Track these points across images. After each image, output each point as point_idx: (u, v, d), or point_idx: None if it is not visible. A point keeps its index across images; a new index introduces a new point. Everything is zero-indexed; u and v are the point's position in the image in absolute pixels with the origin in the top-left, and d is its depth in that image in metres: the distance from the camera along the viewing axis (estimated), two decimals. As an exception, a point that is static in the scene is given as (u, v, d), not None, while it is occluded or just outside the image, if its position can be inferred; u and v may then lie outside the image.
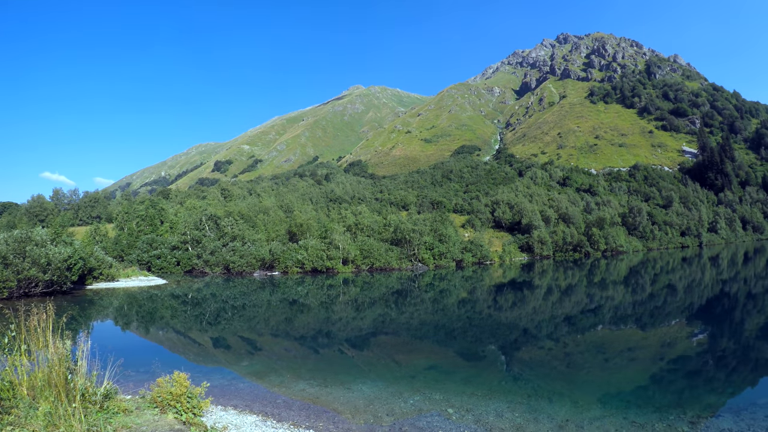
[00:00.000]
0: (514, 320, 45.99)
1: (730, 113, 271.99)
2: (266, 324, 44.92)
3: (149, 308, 52.37)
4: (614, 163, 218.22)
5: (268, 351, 34.50)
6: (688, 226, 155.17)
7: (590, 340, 37.42)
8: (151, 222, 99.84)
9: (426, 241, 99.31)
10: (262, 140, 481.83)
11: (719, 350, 33.18)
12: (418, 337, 39.09)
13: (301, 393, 23.42)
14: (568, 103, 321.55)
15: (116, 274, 69.50)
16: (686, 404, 22.10)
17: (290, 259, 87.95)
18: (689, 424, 19.62)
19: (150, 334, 40.49)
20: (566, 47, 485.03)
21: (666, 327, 42.65)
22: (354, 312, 49.95)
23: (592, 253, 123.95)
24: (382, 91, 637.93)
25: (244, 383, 25.33)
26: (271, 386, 24.71)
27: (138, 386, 19.77)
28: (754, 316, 45.38)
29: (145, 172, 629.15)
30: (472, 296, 63.22)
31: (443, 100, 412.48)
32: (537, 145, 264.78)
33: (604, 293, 63.16)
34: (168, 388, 15.61)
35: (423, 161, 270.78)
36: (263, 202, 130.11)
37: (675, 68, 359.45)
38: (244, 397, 22.51)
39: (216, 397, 21.24)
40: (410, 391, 23.63)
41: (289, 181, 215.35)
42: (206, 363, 31.05)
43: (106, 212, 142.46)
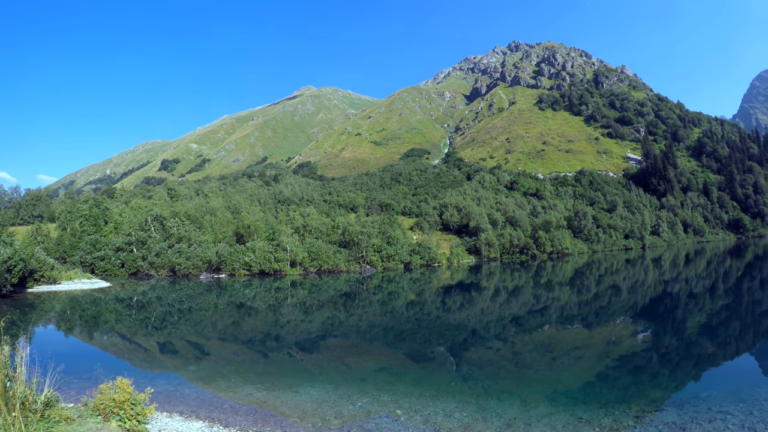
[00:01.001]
0: (462, 321, 46.36)
1: (674, 122, 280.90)
2: (213, 328, 44.32)
3: (93, 312, 51.20)
4: (561, 169, 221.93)
5: (216, 355, 34.04)
6: (632, 230, 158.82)
7: (538, 340, 37.97)
8: (94, 222, 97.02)
9: (374, 244, 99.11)
10: (211, 139, 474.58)
11: (663, 347, 34.11)
12: (368, 340, 39.12)
13: (248, 397, 23.23)
14: (517, 109, 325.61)
15: (58, 276, 67.39)
16: (631, 399, 22.72)
17: (237, 261, 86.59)
18: (634, 418, 20.16)
19: (94, 339, 39.61)
20: (517, 55, 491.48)
21: (611, 326, 43.59)
22: (302, 315, 49.63)
23: (538, 255, 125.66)
24: (334, 92, 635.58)
25: (190, 388, 25.03)
26: (218, 391, 24.45)
27: (80, 393, 19.33)
28: (695, 315, 46.85)
29: (90, 169, 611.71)
30: (421, 298, 63.40)
31: (394, 104, 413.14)
32: (486, 149, 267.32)
33: (550, 294, 64.15)
34: (111, 394, 15.21)
35: (372, 164, 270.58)
36: (210, 203, 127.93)
37: (622, 78, 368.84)
38: (190, 403, 22.22)
39: (161, 404, 20.91)
40: (359, 394, 23.69)
41: (238, 182, 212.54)
42: (152, 368, 30.53)
43: (48, 211, 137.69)
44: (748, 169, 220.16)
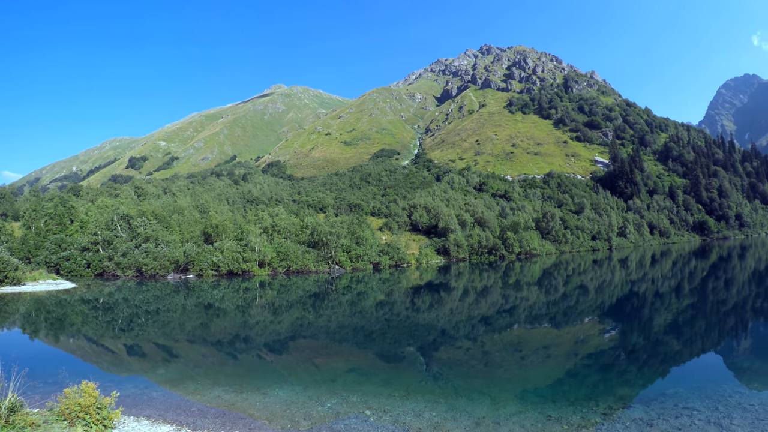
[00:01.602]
0: (432, 321, 46.44)
1: (641, 127, 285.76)
2: (181, 329, 43.89)
3: (58, 314, 50.25)
4: (529, 171, 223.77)
5: (184, 357, 33.70)
6: (599, 231, 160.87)
7: (507, 339, 38.21)
8: (60, 221, 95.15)
9: (343, 244, 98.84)
10: (180, 137, 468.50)
11: (630, 345, 34.59)
12: (337, 340, 39.01)
13: (216, 400, 22.99)
14: (487, 111, 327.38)
15: (23, 277, 65.99)
16: (599, 397, 22.97)
17: (205, 261, 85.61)
18: (602, 415, 20.39)
19: (59, 342, 38.90)
20: (489, 58, 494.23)
21: (579, 325, 44.04)
22: (271, 316, 49.36)
23: (506, 256, 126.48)
24: (305, 91, 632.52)
25: (157, 392, 24.66)
26: (186, 394, 24.15)
27: (46, 398, 19.05)
28: (661, 314, 47.51)
29: (55, 166, 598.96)
30: (390, 298, 63.39)
31: (365, 104, 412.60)
32: (455, 151, 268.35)
33: (519, 294, 64.62)
34: (76, 399, 14.92)
35: (342, 164, 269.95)
36: (178, 202, 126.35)
37: (591, 84, 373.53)
38: (157, 407, 21.88)
39: (128, 408, 20.55)
40: (328, 395, 23.58)
41: (206, 181, 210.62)
42: (119, 371, 30.06)
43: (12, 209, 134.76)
44: (713, 173, 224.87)
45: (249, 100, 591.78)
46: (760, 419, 19.30)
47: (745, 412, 20.21)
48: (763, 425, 18.68)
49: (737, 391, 23.18)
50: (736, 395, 22.44)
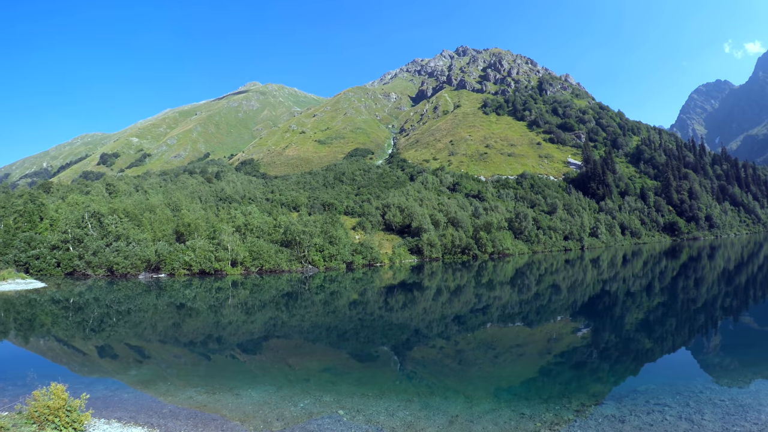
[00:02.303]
0: (405, 321, 46.42)
1: (614, 130, 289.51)
2: (153, 330, 43.34)
3: (28, 315, 49.52)
4: (503, 171, 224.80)
5: (156, 358, 33.32)
6: (571, 231, 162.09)
7: (480, 338, 38.25)
8: (29, 218, 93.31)
9: (316, 243, 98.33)
10: (153, 133, 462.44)
11: (602, 343, 34.89)
12: (311, 340, 38.84)
13: (188, 401, 22.76)
14: (461, 112, 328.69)
15: (-10, 276, 64.62)
16: (572, 394, 23.21)
17: (177, 260, 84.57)
18: (575, 412, 20.64)
19: (29, 343, 38.32)
20: (464, 59, 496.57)
21: (552, 323, 44.25)
22: (244, 315, 49.03)
23: (479, 256, 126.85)
24: (280, 89, 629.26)
25: (129, 393, 24.35)
26: (158, 395, 23.85)
27: (14, 401, 18.80)
28: (632, 312, 48.03)
29: (25, 162, 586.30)
30: (364, 298, 63.31)
31: (340, 103, 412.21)
32: (429, 151, 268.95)
33: (492, 293, 64.82)
34: (45, 401, 14.50)
35: (316, 162, 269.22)
36: (150, 200, 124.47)
37: (565, 86, 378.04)
38: (128, 408, 21.60)
39: (98, 410, 20.33)
40: (301, 395, 23.49)
41: (178, 178, 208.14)
42: (89, 373, 29.60)
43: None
44: (683, 175, 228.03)
45: (223, 97, 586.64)
46: (730, 414, 19.63)
47: (716, 407, 20.53)
48: (734, 420, 18.99)
49: (708, 387, 23.58)
50: (707, 391, 22.82)
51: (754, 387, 23.36)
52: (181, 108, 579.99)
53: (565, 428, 18.96)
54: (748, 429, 18.07)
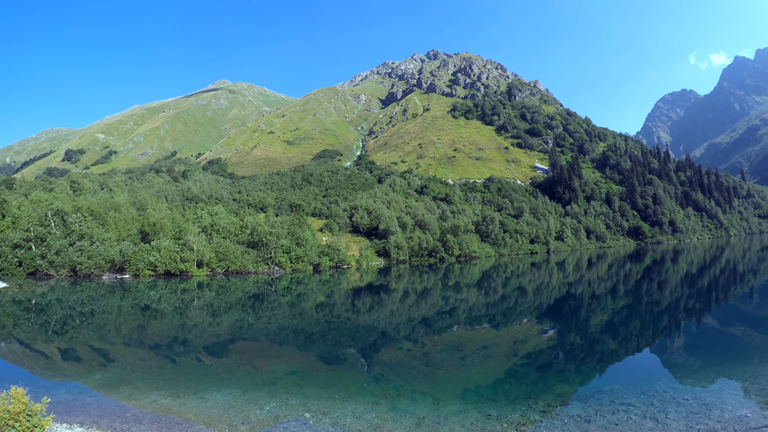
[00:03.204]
0: (372, 323, 46.40)
1: (581, 136, 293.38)
2: (117, 332, 42.62)
3: (-13, 315, 47.98)
4: (470, 175, 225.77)
5: (120, 361, 32.72)
6: (538, 235, 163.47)
7: (447, 340, 38.27)
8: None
9: (283, 245, 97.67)
10: (119, 130, 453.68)
11: (567, 344, 35.17)
12: (278, 343, 38.64)
13: (152, 405, 22.43)
14: (431, 116, 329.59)
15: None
16: (538, 395, 23.46)
17: (142, 261, 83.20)
18: (541, 413, 20.88)
19: (-12, 345, 36.91)
20: (435, 63, 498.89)
21: (518, 325, 44.44)
22: (210, 317, 48.47)
23: (446, 258, 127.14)
24: (249, 88, 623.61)
25: (92, 397, 23.94)
26: (122, 399, 23.49)
27: None
28: (598, 314, 48.57)
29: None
30: (331, 300, 63.09)
31: (309, 103, 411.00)
32: (398, 153, 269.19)
33: (458, 296, 64.90)
34: (5, 405, 14.02)
35: (284, 163, 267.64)
36: (115, 198, 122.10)
37: (534, 92, 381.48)
38: (91, 413, 21.25)
39: (60, 414, 20.04)
40: (267, 398, 23.33)
41: (144, 177, 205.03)
42: (52, 376, 29.01)
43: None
44: (648, 181, 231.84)
45: (192, 95, 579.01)
46: (693, 413, 19.95)
47: (680, 406, 20.89)
48: (697, 418, 19.32)
49: (671, 386, 23.93)
50: (671, 390, 23.18)
51: (716, 386, 23.76)
52: (149, 105, 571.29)
53: (532, 428, 19.10)
54: (711, 427, 18.34)
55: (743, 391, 22.68)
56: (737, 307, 51.26)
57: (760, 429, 17.80)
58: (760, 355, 29.34)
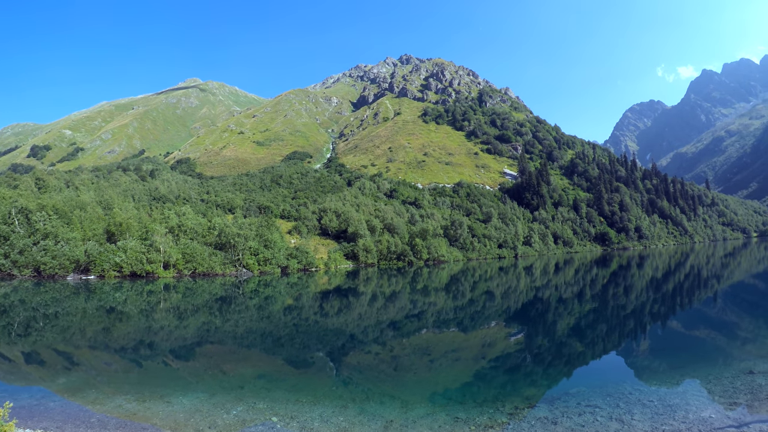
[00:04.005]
0: (341, 326, 46.26)
1: (550, 143, 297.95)
2: (82, 335, 41.77)
3: (-54, 318, 46.92)
4: (440, 180, 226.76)
5: (85, 365, 32.09)
6: (506, 239, 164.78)
7: (416, 344, 38.33)
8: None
9: (251, 247, 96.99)
10: (87, 126, 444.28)
11: (535, 348, 35.51)
12: (245, 346, 38.27)
13: (118, 409, 22.04)
14: (401, 120, 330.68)
15: None
16: (506, 398, 23.56)
17: (108, 261, 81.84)
18: (508, 415, 20.99)
19: (-52, 349, 36.06)
20: (407, 67, 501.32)
21: (486, 329, 44.65)
22: (177, 320, 47.93)
23: (415, 262, 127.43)
24: (220, 87, 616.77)
25: (56, 402, 23.41)
26: (86, 403, 23.05)
27: None
28: (565, 318, 49.08)
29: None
30: (299, 303, 62.76)
31: (280, 104, 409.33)
32: (368, 157, 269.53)
33: (427, 299, 65.08)
34: None
35: (253, 164, 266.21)
36: (81, 197, 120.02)
37: (505, 99, 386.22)
38: (55, 418, 20.81)
39: (23, 419, 19.72)
40: (234, 402, 23.08)
41: (111, 175, 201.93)
42: (14, 381, 28.42)
43: None
44: (615, 189, 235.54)
45: (162, 92, 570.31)
46: (659, 414, 20.24)
47: (645, 407, 21.14)
48: (662, 419, 19.59)
49: (637, 388, 24.24)
50: (636, 392, 23.46)
51: (681, 388, 24.11)
52: (118, 101, 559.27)
53: (499, 431, 19.22)
54: (676, 428, 18.61)
55: (707, 392, 23.06)
56: (701, 311, 52.15)
57: (724, 429, 18.11)
58: (724, 357, 29.82)
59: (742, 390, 22.80)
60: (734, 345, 34.01)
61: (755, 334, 38.08)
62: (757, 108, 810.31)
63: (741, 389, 22.93)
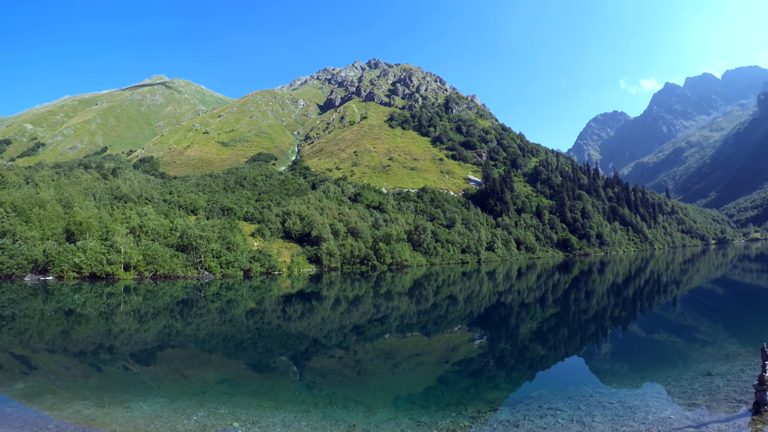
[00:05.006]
0: (304, 330, 46.02)
1: (514, 151, 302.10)
2: (40, 338, 40.85)
3: None
4: (404, 185, 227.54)
5: (43, 369, 31.32)
6: (469, 245, 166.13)
7: (379, 348, 38.33)
8: None
9: (213, 249, 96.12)
10: (49, 121, 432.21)
11: (497, 352, 35.80)
12: (207, 350, 37.82)
13: (76, 415, 21.49)
14: (368, 124, 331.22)
15: None
16: (468, 401, 23.59)
17: (67, 262, 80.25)
18: (470, 418, 21.02)
19: None
20: (375, 72, 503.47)
21: (449, 333, 44.82)
22: (137, 323, 47.18)
23: (378, 267, 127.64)
24: (187, 85, 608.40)
25: (12, 407, 22.74)
26: (44, 409, 22.41)
27: None
28: (527, 322, 49.58)
29: None
30: (261, 307, 62.54)
31: (247, 105, 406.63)
32: (333, 160, 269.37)
33: (390, 304, 65.05)
34: None
35: (218, 165, 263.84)
36: (41, 194, 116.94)
37: (471, 106, 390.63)
38: (11, 424, 20.30)
39: None
40: (195, 407, 22.70)
41: (73, 172, 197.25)
42: None
43: None
44: (577, 196, 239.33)
45: (127, 89, 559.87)
46: (619, 415, 20.47)
47: (605, 409, 21.36)
48: (622, 420, 19.83)
49: (597, 391, 24.54)
50: (597, 395, 23.72)
51: (641, 390, 24.45)
52: (82, 96, 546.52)
53: (461, 434, 19.19)
54: (636, 429, 18.85)
55: (667, 393, 23.42)
56: (661, 316, 52.98)
57: (683, 429, 18.38)
58: (683, 360, 30.27)
59: (701, 391, 23.22)
60: (693, 348, 34.60)
61: (713, 337, 38.81)
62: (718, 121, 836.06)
63: (700, 390, 23.36)
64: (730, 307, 60.66)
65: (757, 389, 19.49)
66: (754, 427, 18.32)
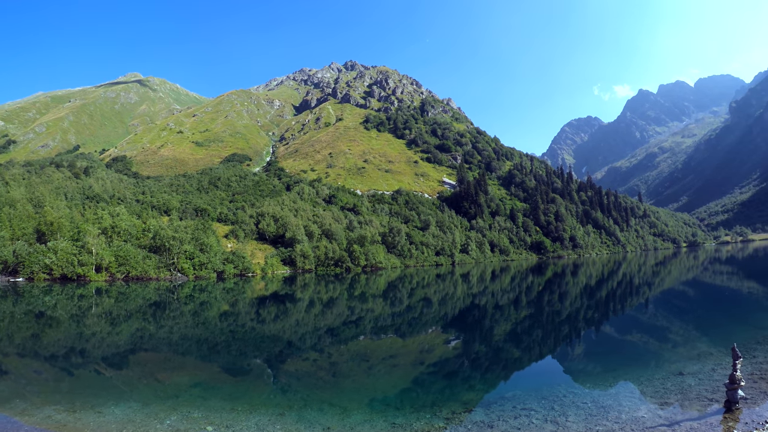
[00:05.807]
0: (278, 333, 45.84)
1: (489, 154, 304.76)
2: (10, 341, 40.15)
3: None
4: (379, 187, 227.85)
5: (13, 373, 30.77)
6: (443, 247, 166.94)
7: (354, 350, 38.33)
8: None
9: (186, 250, 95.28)
10: (21, 118, 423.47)
11: (472, 353, 35.91)
12: (180, 353, 37.51)
13: (47, 421, 21.14)
14: (343, 126, 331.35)
15: None
16: (443, 403, 23.58)
17: (37, 263, 79.00)
18: (445, 420, 21.02)
19: None
20: (352, 74, 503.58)
21: (424, 335, 44.79)
22: (109, 326, 46.61)
23: (352, 268, 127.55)
24: (162, 84, 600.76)
25: None
26: (14, 414, 22.02)
27: None
28: (501, 324, 49.85)
29: None
30: (235, 309, 62.13)
31: (222, 105, 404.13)
32: (308, 162, 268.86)
33: (364, 306, 65.06)
34: None
35: (192, 165, 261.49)
36: (11, 193, 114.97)
37: (447, 110, 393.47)
38: None
39: None
40: (168, 411, 22.44)
41: (44, 171, 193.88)
42: None
43: None
44: (551, 199, 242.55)
45: (101, 86, 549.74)
46: (592, 415, 20.63)
47: (579, 409, 21.52)
48: (596, 420, 20.00)
49: (571, 391, 24.71)
50: (570, 395, 23.86)
51: (614, 390, 24.66)
52: (55, 93, 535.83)
53: (436, 435, 19.21)
54: (609, 428, 19.03)
55: (640, 393, 23.67)
56: (634, 317, 53.48)
57: (656, 428, 18.56)
58: (656, 360, 30.54)
59: (673, 390, 23.51)
60: (665, 348, 34.93)
61: (685, 337, 39.21)
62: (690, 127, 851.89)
63: (672, 390, 23.64)
64: (701, 308, 61.45)
65: (729, 388, 19.81)
66: (725, 424, 18.59)
